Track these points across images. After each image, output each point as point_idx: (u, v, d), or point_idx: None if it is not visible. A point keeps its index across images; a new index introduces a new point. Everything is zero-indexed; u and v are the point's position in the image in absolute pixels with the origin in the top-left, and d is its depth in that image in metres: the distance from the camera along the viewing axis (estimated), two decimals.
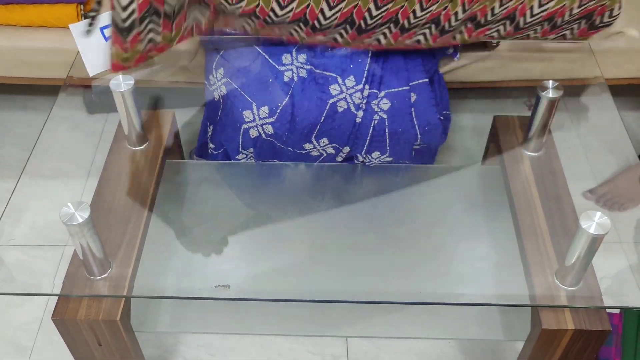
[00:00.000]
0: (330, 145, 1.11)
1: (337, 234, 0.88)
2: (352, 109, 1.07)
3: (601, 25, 1.00)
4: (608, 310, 0.87)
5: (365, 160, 1.13)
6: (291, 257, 0.88)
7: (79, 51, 1.08)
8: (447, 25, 0.99)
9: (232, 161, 1.17)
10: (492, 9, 0.97)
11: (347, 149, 1.12)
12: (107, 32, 1.08)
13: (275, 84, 1.10)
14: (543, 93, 1.03)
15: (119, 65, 0.96)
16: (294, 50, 1.12)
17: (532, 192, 0.98)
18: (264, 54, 1.13)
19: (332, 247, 0.89)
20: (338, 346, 1.25)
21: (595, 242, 0.79)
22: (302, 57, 1.11)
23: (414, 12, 0.97)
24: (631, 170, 1.00)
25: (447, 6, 0.96)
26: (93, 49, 1.08)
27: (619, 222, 0.95)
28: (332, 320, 1.04)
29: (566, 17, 0.98)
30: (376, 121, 1.08)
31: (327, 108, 1.08)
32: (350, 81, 1.08)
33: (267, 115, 1.08)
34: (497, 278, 0.90)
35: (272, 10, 0.99)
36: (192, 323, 1.03)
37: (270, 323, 1.05)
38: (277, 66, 1.11)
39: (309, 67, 1.11)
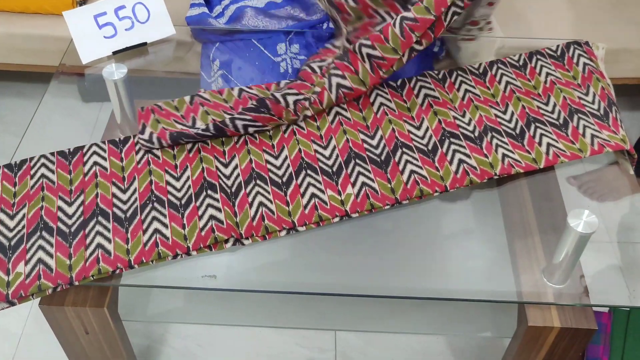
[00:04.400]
0: None
1: (327, 227, 0.88)
2: None
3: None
4: (597, 309, 0.87)
5: None
6: (280, 249, 0.88)
7: (72, 39, 1.08)
8: None
9: None
10: None
11: None
12: (101, 20, 1.08)
13: (271, 76, 1.10)
14: None
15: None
16: (287, 40, 1.12)
17: (522, 188, 0.98)
18: (258, 45, 1.13)
19: (321, 241, 0.89)
20: (326, 339, 1.25)
21: (582, 241, 0.80)
22: (295, 48, 1.11)
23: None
24: (620, 165, 1.01)
25: None
26: (87, 37, 1.08)
27: (608, 220, 0.95)
28: (321, 314, 1.04)
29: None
30: None
31: None
32: None
33: None
34: (485, 274, 0.90)
35: None
36: (180, 313, 1.03)
37: (259, 315, 1.05)
38: (272, 57, 1.11)
39: (302, 57, 1.11)
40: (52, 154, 0.93)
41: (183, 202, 0.86)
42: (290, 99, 0.95)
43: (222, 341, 1.25)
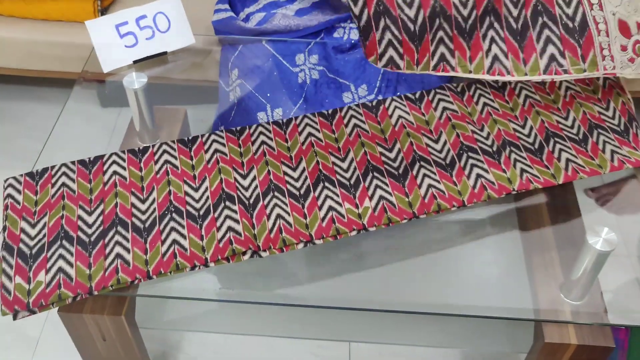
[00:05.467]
0: None
1: (342, 240, 0.88)
2: None
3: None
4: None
5: None
6: (296, 261, 0.88)
7: (94, 48, 1.10)
8: None
9: None
10: None
11: None
12: (123, 29, 1.09)
13: (289, 86, 1.10)
14: None
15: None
16: (306, 50, 1.12)
17: (540, 202, 0.98)
18: (277, 55, 1.13)
19: (337, 254, 0.89)
20: (341, 349, 1.25)
21: (601, 258, 0.79)
22: (314, 58, 1.12)
23: None
24: (639, 180, 1.00)
25: None
26: (108, 46, 1.09)
27: (626, 234, 0.94)
28: (336, 325, 1.04)
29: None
30: None
31: None
32: (362, 90, 1.08)
33: (280, 117, 1.08)
34: (502, 290, 0.90)
35: None
36: (196, 322, 1.03)
37: (274, 325, 1.05)
38: (290, 67, 1.11)
39: (321, 68, 1.11)
40: (73, 162, 0.94)
41: (201, 213, 0.87)
42: None
43: (237, 349, 1.26)
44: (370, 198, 0.88)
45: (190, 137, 0.98)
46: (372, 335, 1.06)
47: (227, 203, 0.87)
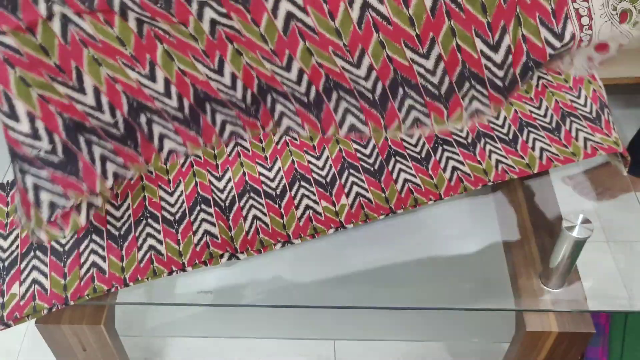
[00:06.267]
0: None
1: (322, 238, 0.87)
2: None
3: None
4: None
5: None
6: (275, 262, 0.88)
7: None
8: None
9: None
10: None
11: None
12: None
13: None
14: None
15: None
16: None
17: (517, 192, 0.98)
18: None
19: (317, 252, 0.89)
20: (325, 347, 1.25)
21: (578, 245, 0.79)
22: None
23: None
24: (616, 164, 1.00)
25: None
26: None
27: (604, 220, 0.95)
28: (319, 324, 1.04)
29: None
30: None
31: None
32: None
33: None
34: (482, 281, 0.90)
35: None
36: (178, 327, 1.03)
37: (257, 327, 1.05)
38: None
39: None
40: None
41: (177, 217, 0.86)
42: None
43: (221, 352, 1.25)
44: (347, 195, 0.88)
45: None
46: (355, 333, 1.06)
47: (203, 206, 0.87)
